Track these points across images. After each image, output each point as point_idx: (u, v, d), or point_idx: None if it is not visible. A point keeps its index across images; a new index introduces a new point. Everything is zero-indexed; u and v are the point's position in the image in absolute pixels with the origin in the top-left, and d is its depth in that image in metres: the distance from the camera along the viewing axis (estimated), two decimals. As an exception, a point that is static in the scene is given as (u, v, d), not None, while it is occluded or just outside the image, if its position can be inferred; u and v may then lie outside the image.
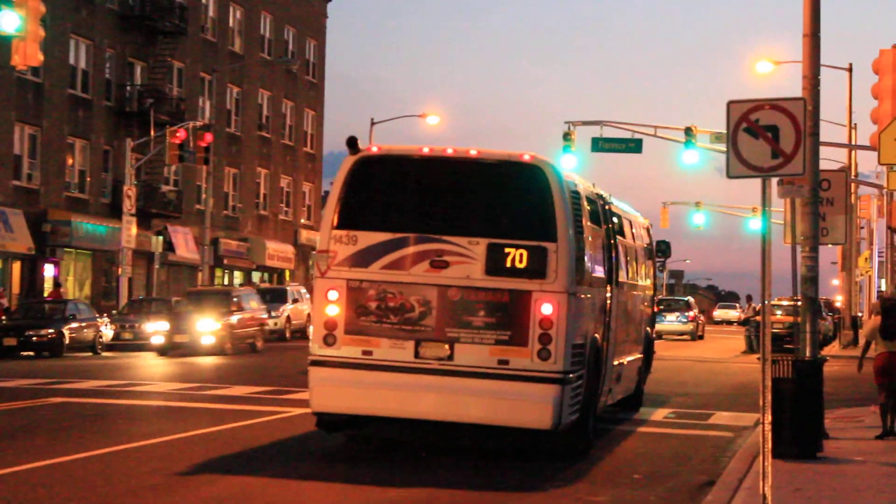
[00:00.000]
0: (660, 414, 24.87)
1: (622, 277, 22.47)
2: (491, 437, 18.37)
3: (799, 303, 20.64)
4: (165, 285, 64.79)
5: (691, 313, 72.22)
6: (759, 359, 14.55)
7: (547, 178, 17.63)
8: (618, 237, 22.08)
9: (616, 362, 22.00)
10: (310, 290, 69.73)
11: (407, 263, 17.52)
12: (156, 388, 28.67)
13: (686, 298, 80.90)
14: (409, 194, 18.30)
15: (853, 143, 56.43)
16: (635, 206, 24.30)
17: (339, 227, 17.81)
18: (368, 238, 17.67)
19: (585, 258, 18.47)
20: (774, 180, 16.84)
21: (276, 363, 39.32)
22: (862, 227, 79.84)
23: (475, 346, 17.28)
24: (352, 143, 18.30)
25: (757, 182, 14.49)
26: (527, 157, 17.86)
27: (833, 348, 56.09)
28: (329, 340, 17.59)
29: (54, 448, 17.87)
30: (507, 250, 17.39)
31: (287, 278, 79.06)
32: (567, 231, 17.47)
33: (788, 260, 23.22)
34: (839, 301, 73.36)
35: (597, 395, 19.95)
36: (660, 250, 28.77)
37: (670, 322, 71.02)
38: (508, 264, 17.34)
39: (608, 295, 20.74)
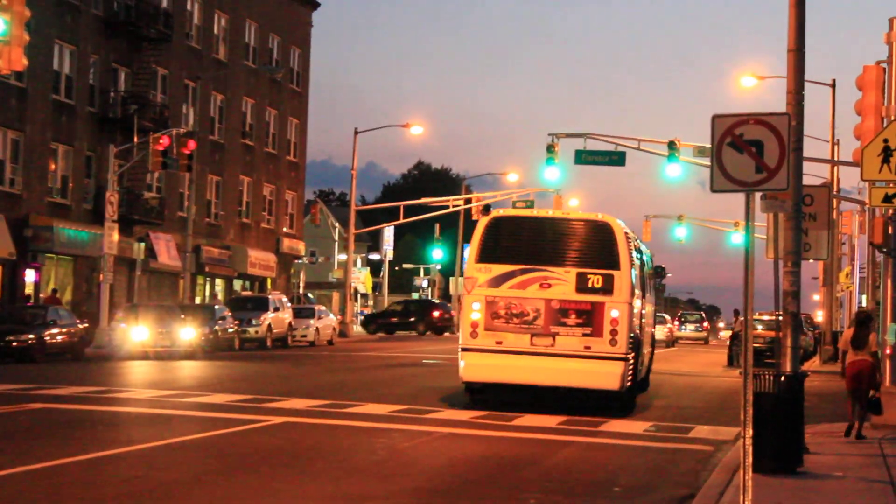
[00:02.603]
0: (640, 427, 24.86)
1: (647, 294, 31.36)
2: (574, 398, 27.20)
3: (780, 317, 20.67)
4: (147, 292, 64.64)
5: (705, 324, 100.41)
6: (740, 373, 14.56)
7: (613, 230, 26.76)
8: (643, 266, 30.41)
9: (643, 351, 30.47)
10: (290, 300, 70.10)
11: (524, 285, 26.52)
12: (136, 395, 28.57)
13: (700, 313, 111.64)
14: (524, 240, 27.07)
15: (836, 158, 56.56)
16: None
17: (479, 261, 26.81)
18: (498, 269, 26.66)
19: (634, 281, 26.97)
20: (758, 195, 16.86)
21: (262, 370, 39.26)
22: (843, 243, 79.95)
23: (569, 337, 26.37)
24: (486, 208, 28.53)
25: (740, 196, 14.51)
26: (600, 217, 27.16)
27: (813, 363, 56.18)
28: (473, 335, 26.58)
29: (34, 453, 17.80)
30: (588, 276, 26.41)
31: (269, 286, 78.95)
32: (626, 264, 26.53)
33: (770, 275, 23.27)
34: (820, 316, 73.55)
35: (637, 370, 28.65)
36: (658, 273, 36.77)
37: (689, 330, 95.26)
38: (590, 285, 26.37)
39: (641, 306, 29.27)
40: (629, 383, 27.04)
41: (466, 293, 26.86)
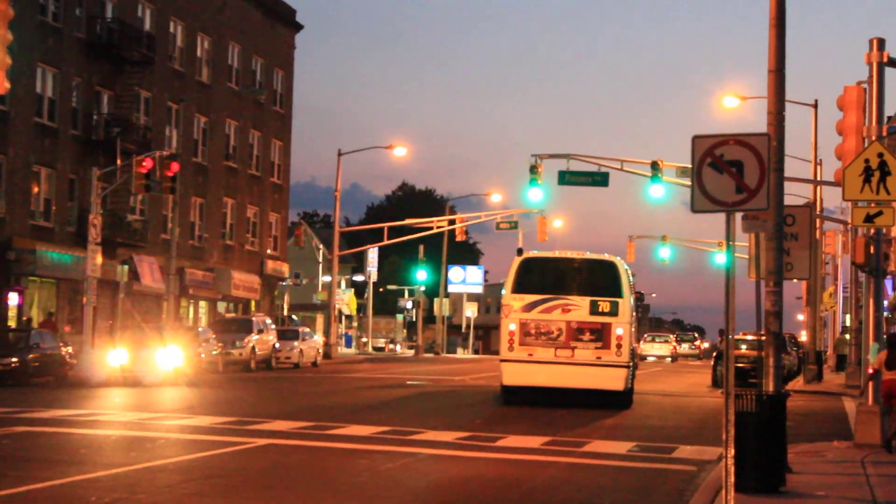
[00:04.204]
0: (624, 447, 24.84)
1: (637, 315, 38.45)
2: (588, 396, 34.61)
3: (763, 337, 20.69)
4: (130, 315, 64.43)
5: (697, 343, 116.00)
6: (723, 393, 14.57)
7: (617, 267, 35.24)
8: (635, 291, 36.85)
9: (635, 361, 37.66)
10: (274, 322, 69.93)
11: (549, 310, 34.61)
12: (120, 418, 28.49)
13: (693, 333, 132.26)
14: (550, 275, 35.31)
15: (818, 178, 56.66)
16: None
17: (514, 291, 34.93)
18: (530, 298, 34.80)
19: (632, 305, 35.03)
20: (739, 215, 16.90)
21: (241, 395, 39.17)
22: (827, 263, 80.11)
23: (585, 350, 34.50)
24: (520, 251, 35.87)
25: (723, 216, 14.55)
26: (607, 257, 35.83)
27: (797, 383, 56.22)
28: (510, 349, 34.73)
29: (15, 476, 17.73)
30: (599, 303, 34.50)
31: (252, 308, 78.79)
32: (627, 293, 34.74)
33: (753, 294, 23.33)
34: (804, 336, 73.64)
35: (634, 376, 36.42)
36: (638, 298, 43.58)
37: (685, 349, 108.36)
38: (600, 309, 34.46)
39: (635, 324, 36.59)
40: (630, 385, 35.50)
41: (504, 317, 34.96)
